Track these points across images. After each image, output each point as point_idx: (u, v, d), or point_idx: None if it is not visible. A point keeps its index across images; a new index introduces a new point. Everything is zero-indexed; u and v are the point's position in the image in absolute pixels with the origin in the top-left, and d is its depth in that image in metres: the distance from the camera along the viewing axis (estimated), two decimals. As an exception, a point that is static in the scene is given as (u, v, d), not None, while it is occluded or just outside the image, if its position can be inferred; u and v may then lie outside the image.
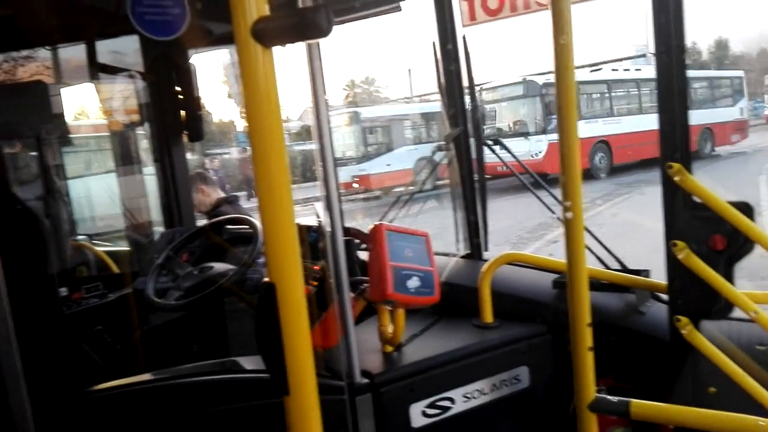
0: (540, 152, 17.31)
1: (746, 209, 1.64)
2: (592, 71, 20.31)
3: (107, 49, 3.08)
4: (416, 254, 1.85)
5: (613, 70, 21.24)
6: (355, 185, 19.66)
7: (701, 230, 1.69)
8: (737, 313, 1.69)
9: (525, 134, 18.14)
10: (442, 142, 2.64)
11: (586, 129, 17.95)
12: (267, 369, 1.14)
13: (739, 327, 1.78)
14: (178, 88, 3.24)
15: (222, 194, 4.53)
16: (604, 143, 19.13)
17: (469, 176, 2.59)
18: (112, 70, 3.19)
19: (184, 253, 2.84)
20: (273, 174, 1.03)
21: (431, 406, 1.83)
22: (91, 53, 2.96)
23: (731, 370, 1.63)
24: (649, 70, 20.33)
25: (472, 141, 2.60)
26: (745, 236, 1.64)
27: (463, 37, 2.49)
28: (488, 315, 2.10)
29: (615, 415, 1.72)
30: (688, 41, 1.66)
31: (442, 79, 2.58)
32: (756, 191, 11.37)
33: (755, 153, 21.22)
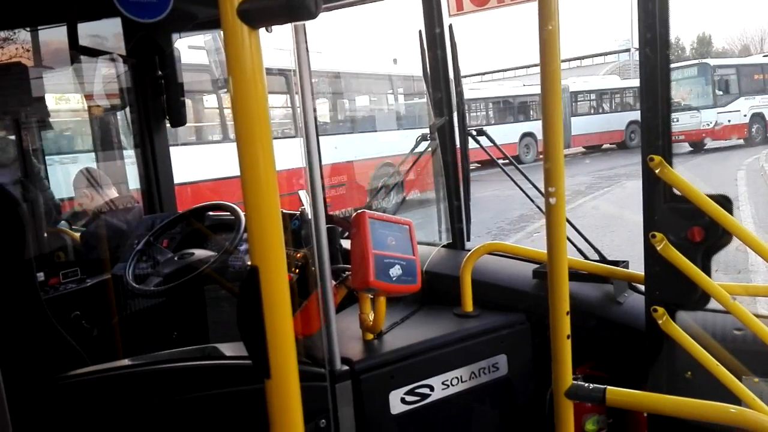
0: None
1: (725, 202, 1.66)
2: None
3: (89, 32, 3.03)
4: (399, 243, 1.85)
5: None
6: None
7: (680, 222, 1.71)
8: (713, 304, 1.72)
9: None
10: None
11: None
12: (248, 352, 1.14)
13: (714, 318, 1.82)
14: (160, 73, 3.21)
15: (114, 194, 3.54)
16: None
17: (453, 166, 2.60)
18: (94, 53, 3.13)
19: (165, 240, 2.82)
20: (259, 156, 1.02)
21: (410, 393, 1.85)
22: (73, 35, 2.90)
23: (705, 360, 1.66)
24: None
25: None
26: (723, 228, 1.66)
27: (450, 26, 2.48)
28: (469, 304, 2.11)
29: (591, 402, 1.74)
30: (672, 36, 1.65)
31: (428, 69, 2.58)
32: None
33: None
